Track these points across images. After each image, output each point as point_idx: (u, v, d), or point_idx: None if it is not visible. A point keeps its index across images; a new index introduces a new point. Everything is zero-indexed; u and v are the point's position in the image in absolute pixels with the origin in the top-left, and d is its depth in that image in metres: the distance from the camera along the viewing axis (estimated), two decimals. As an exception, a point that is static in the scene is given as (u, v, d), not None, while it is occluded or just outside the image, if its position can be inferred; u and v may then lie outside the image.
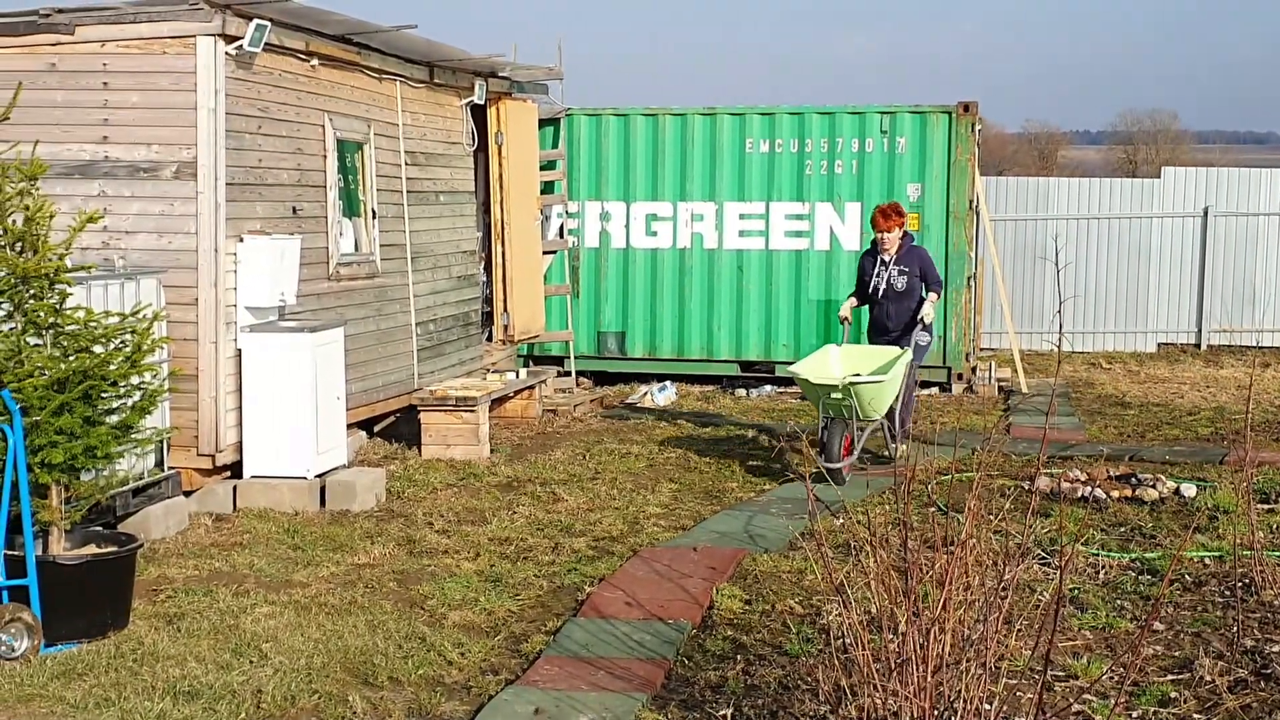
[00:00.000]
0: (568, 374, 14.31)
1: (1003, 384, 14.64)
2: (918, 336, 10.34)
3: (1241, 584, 6.88)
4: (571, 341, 14.56)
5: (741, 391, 14.43)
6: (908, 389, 10.31)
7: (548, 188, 14.53)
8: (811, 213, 14.38)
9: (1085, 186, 18.38)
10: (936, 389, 14.27)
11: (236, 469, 9.03)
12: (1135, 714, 5.32)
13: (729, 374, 14.77)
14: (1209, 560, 7.54)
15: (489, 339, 13.53)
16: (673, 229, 14.71)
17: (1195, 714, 5.29)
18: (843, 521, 7.82)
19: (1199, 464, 10.36)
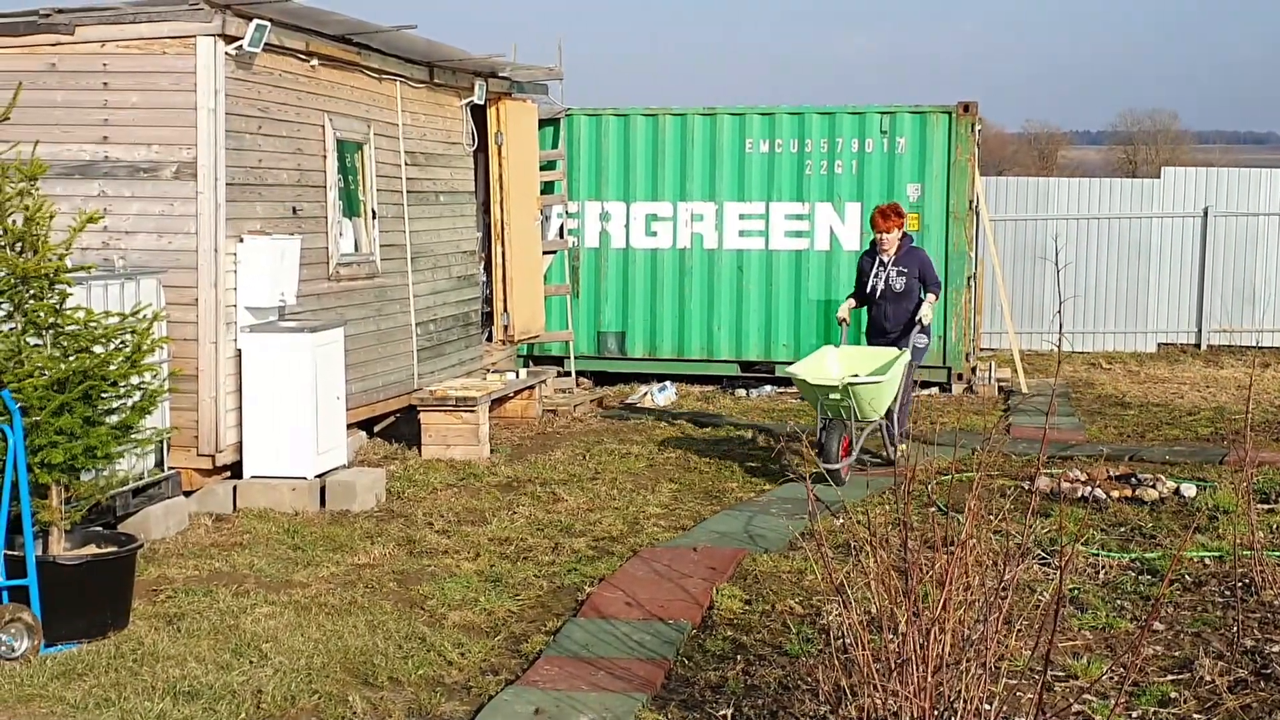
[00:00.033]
0: (568, 374, 14.31)
1: (1003, 384, 14.64)
2: (915, 339, 10.28)
3: (1241, 584, 6.88)
4: (571, 341, 14.56)
5: (741, 392, 14.43)
6: (905, 390, 10.29)
7: (548, 188, 14.53)
8: (811, 213, 14.38)
9: (1085, 186, 18.39)
10: (936, 389, 14.27)
11: (236, 469, 9.03)
12: (1135, 714, 5.32)
13: (729, 374, 14.77)
14: (1209, 560, 7.54)
15: (489, 339, 13.54)
16: (673, 229, 14.71)
17: (1195, 714, 5.29)
18: (843, 521, 7.82)
19: (1199, 464, 10.36)
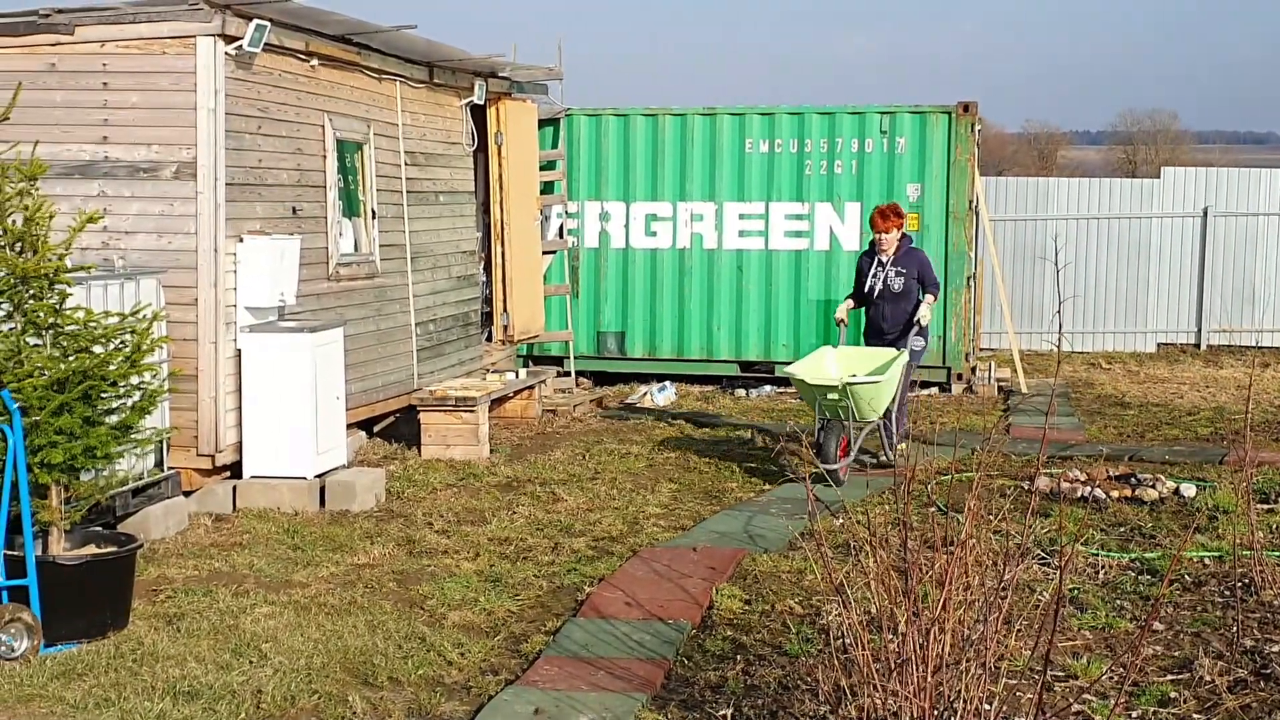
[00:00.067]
0: (567, 374, 14.31)
1: (1002, 384, 14.64)
2: (912, 342, 10.21)
3: (1241, 584, 6.88)
4: (571, 341, 14.56)
5: (741, 392, 14.43)
6: (902, 392, 10.27)
7: (547, 188, 14.53)
8: (811, 213, 14.38)
9: (1085, 186, 18.39)
10: (936, 389, 14.26)
11: (236, 469, 9.03)
12: (1135, 714, 5.32)
13: (729, 374, 14.77)
14: (1209, 560, 7.53)
15: (489, 339, 13.53)
16: (672, 229, 14.71)
17: (1195, 714, 5.29)
18: (842, 521, 7.82)
19: (1199, 464, 10.36)
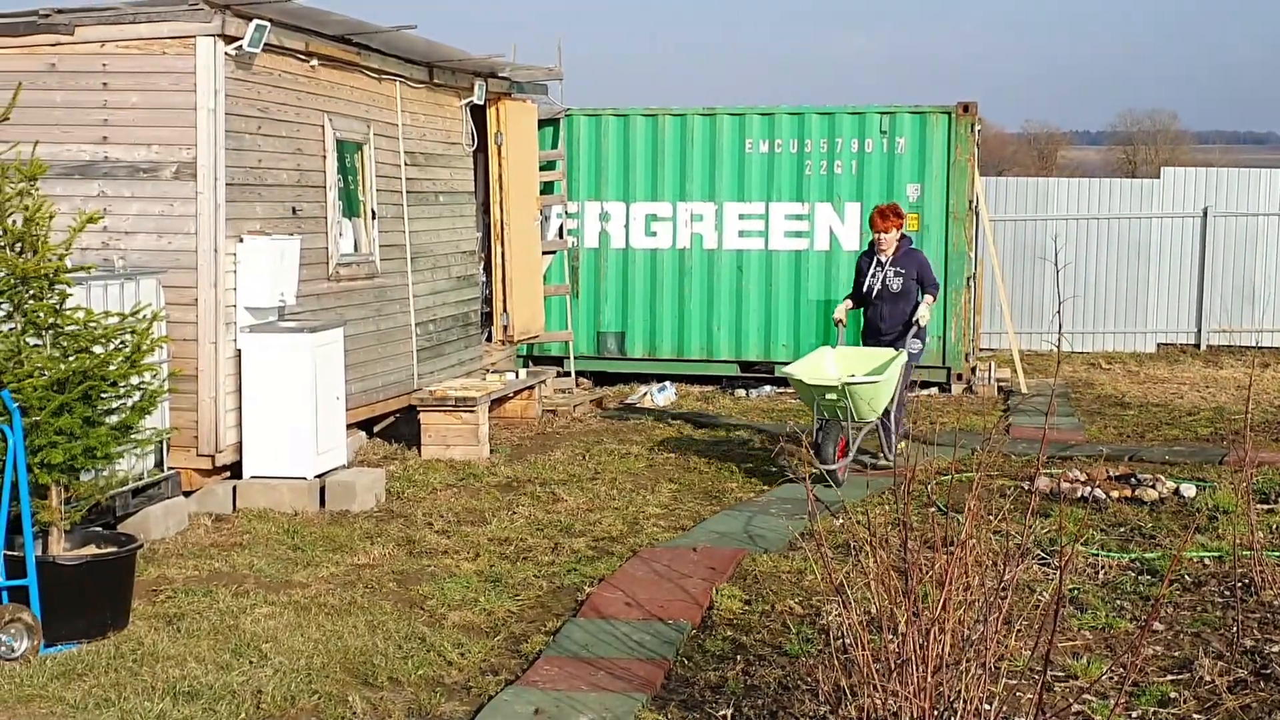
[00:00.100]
0: (567, 374, 14.31)
1: (1002, 384, 14.64)
2: (910, 344, 10.18)
3: (1241, 584, 6.88)
4: (571, 342, 14.56)
5: (741, 392, 14.43)
6: (901, 392, 10.25)
7: (547, 188, 14.53)
8: (811, 213, 14.38)
9: (1085, 186, 18.39)
10: (936, 389, 14.27)
11: (236, 469, 9.03)
12: (1135, 714, 5.32)
13: (729, 374, 14.77)
14: (1209, 560, 7.54)
15: (489, 339, 13.53)
16: (672, 229, 14.71)
17: (1195, 714, 5.30)
18: (842, 522, 7.82)
19: (1199, 464, 10.36)
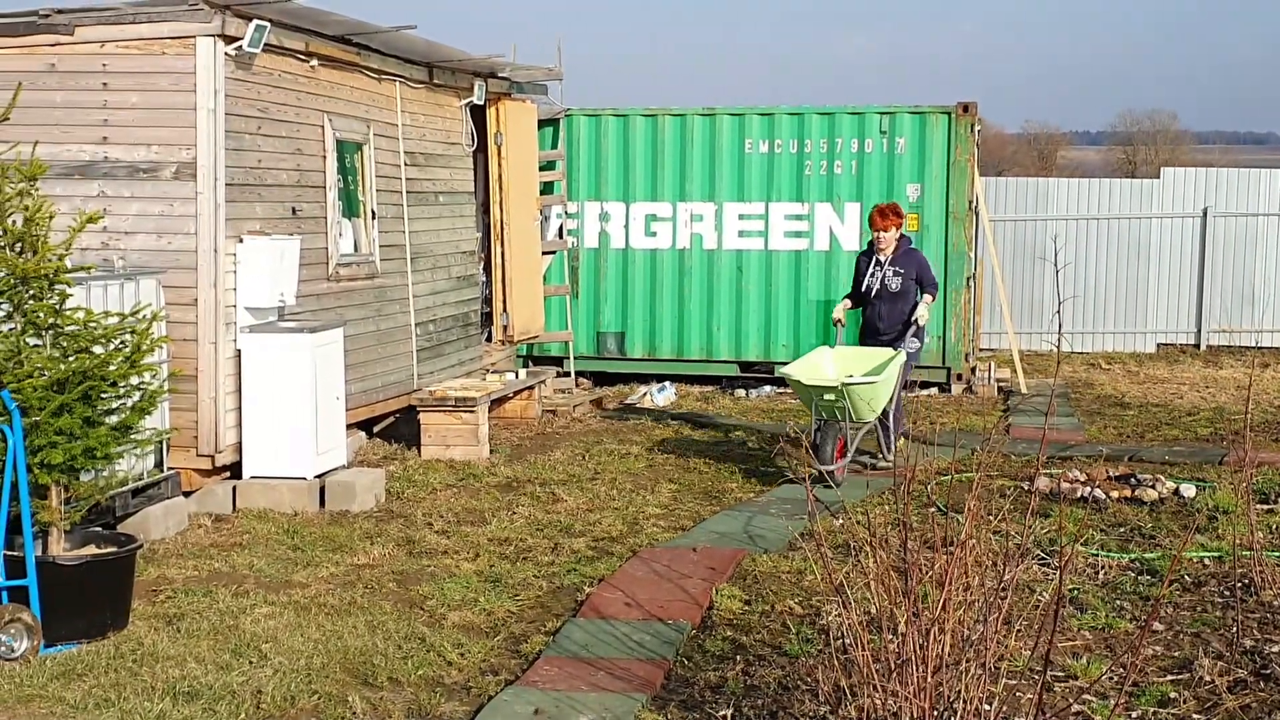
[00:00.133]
0: (567, 374, 14.31)
1: (1002, 384, 14.63)
2: (908, 344, 10.18)
3: (1241, 584, 6.89)
4: (571, 342, 14.56)
5: (741, 392, 14.43)
6: (899, 392, 10.24)
7: (547, 188, 14.53)
8: (811, 213, 14.38)
9: (1085, 187, 18.39)
10: (936, 389, 14.26)
11: (236, 469, 9.03)
12: (1135, 714, 5.32)
13: (728, 374, 14.76)
14: (1209, 560, 7.54)
15: (488, 339, 13.53)
16: (672, 229, 14.70)
17: (1195, 714, 5.30)
18: (842, 522, 7.82)
19: (1198, 464, 10.36)
